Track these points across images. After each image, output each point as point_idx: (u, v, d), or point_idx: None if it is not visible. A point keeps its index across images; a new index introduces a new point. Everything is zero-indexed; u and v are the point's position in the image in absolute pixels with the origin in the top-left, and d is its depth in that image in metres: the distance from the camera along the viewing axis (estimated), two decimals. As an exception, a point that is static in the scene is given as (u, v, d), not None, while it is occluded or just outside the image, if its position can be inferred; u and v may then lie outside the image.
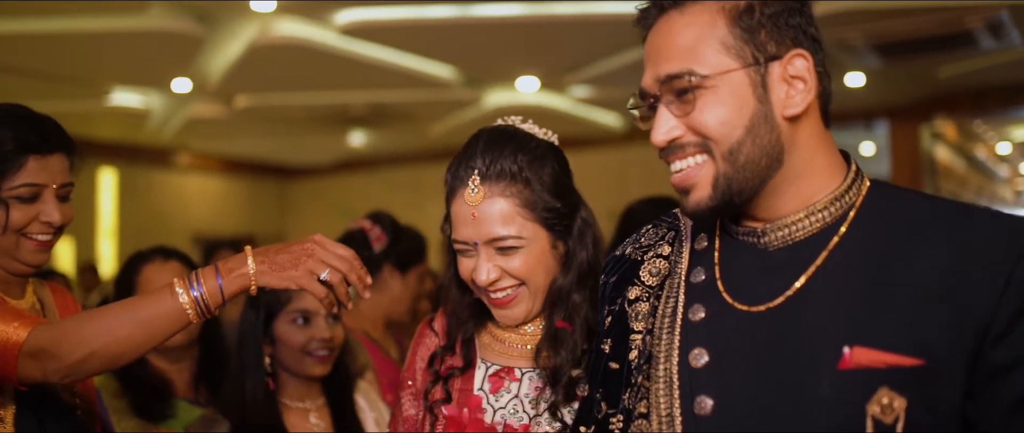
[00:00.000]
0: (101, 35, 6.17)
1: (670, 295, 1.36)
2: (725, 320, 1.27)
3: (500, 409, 1.72)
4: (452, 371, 1.77)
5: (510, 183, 1.64)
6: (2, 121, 1.83)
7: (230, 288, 1.62)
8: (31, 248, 1.84)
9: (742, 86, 1.22)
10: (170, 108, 8.73)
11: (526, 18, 5.95)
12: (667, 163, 1.29)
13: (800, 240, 1.27)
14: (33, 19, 5.89)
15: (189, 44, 6.46)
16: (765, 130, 1.22)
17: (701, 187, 1.25)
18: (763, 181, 1.24)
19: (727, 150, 1.22)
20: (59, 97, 7.76)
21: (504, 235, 1.64)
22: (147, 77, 7.77)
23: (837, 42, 6.46)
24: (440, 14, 5.97)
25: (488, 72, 7.84)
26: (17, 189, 1.80)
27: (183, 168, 11.54)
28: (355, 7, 5.97)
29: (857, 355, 1.16)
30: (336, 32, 6.31)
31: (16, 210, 1.80)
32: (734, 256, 1.32)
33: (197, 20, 6.09)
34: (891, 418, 1.13)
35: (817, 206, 1.26)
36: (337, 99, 8.43)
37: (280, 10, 5.96)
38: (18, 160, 1.79)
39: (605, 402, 1.40)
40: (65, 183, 1.87)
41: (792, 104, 1.24)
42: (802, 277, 1.23)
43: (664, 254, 1.43)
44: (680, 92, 1.23)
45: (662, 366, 1.30)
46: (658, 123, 1.26)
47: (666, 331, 1.32)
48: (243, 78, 7.36)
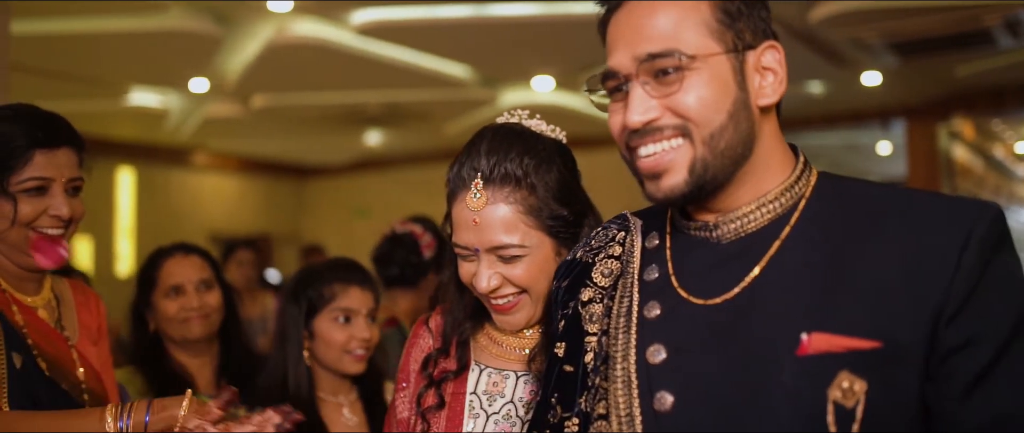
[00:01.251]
0: (120, 36, 6.21)
1: (624, 295, 1.34)
2: (681, 315, 1.27)
3: (494, 415, 1.67)
4: (446, 375, 1.73)
5: (515, 188, 1.58)
6: (8, 118, 1.87)
7: (154, 426, 1.63)
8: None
9: (725, 71, 1.22)
10: (188, 108, 8.78)
11: (542, 17, 5.95)
12: (631, 149, 1.27)
13: (752, 231, 1.27)
14: (54, 20, 5.94)
15: (207, 44, 6.49)
16: (744, 118, 1.23)
17: (676, 171, 1.23)
18: (735, 169, 1.24)
19: (709, 134, 1.21)
20: (79, 97, 7.82)
21: (507, 243, 1.58)
22: (165, 77, 7.81)
23: (854, 41, 6.45)
24: (456, 14, 5.98)
25: (504, 71, 7.84)
26: (24, 183, 1.83)
27: (200, 167, 11.59)
28: (371, 7, 5.99)
29: (816, 341, 1.15)
30: (352, 32, 6.34)
31: (25, 204, 1.83)
32: (686, 251, 1.32)
33: (215, 20, 6.13)
34: (852, 402, 1.14)
35: (768, 197, 1.27)
36: (353, 99, 8.45)
37: (297, 10, 5.98)
38: (25, 154, 1.83)
39: (560, 406, 1.38)
40: (74, 177, 1.89)
41: (764, 94, 1.25)
42: (756, 267, 1.24)
43: (615, 254, 1.41)
44: (660, 73, 1.21)
45: (619, 365, 1.28)
46: (633, 104, 1.23)
47: (622, 330, 1.31)
48: (260, 78, 7.39)
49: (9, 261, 1.88)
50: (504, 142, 1.60)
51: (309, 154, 12.30)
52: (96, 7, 5.85)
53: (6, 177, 1.82)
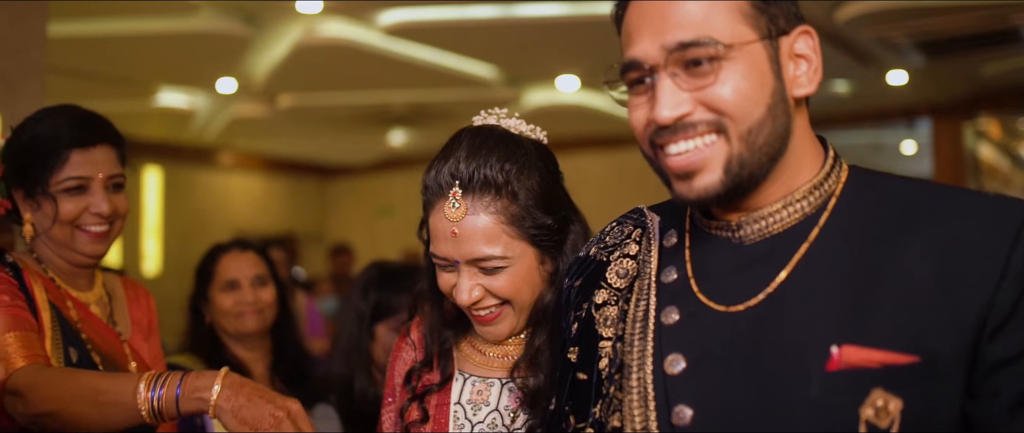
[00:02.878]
0: (151, 37, 6.28)
1: (640, 297, 1.24)
2: (701, 322, 1.16)
3: (479, 424, 1.59)
4: (429, 388, 1.64)
5: (495, 197, 1.47)
6: (45, 120, 1.91)
7: (186, 406, 1.52)
8: (86, 240, 1.91)
9: (761, 60, 1.11)
10: (214, 108, 8.86)
11: (567, 18, 5.97)
12: (658, 147, 1.15)
13: (777, 233, 1.17)
14: (87, 22, 6.01)
15: (235, 45, 6.56)
16: (782, 110, 1.13)
17: (710, 170, 1.12)
18: (772, 166, 1.14)
19: (746, 129, 1.10)
20: (109, 97, 7.90)
21: (489, 255, 1.48)
22: (193, 78, 7.89)
23: (880, 40, 6.43)
24: (482, 14, 6.01)
25: (528, 71, 7.87)
26: (64, 182, 1.87)
27: (226, 167, 11.68)
28: (399, 8, 6.04)
29: (847, 354, 1.06)
30: (380, 32, 6.38)
31: (66, 203, 1.87)
32: (707, 252, 1.21)
33: (244, 21, 6.19)
34: (886, 421, 1.04)
35: (795, 195, 1.16)
36: (379, 99, 8.50)
37: (325, 11, 6.03)
38: (61, 155, 1.87)
39: (574, 415, 1.28)
40: (113, 174, 1.93)
41: (799, 84, 1.15)
42: (782, 272, 1.14)
43: (631, 253, 1.31)
44: (691, 63, 1.10)
45: (635, 375, 1.18)
46: (663, 98, 1.10)
47: (638, 337, 1.21)
48: (287, 78, 7.44)
49: (60, 258, 1.92)
50: (483, 146, 1.50)
51: (334, 154, 12.36)
52: (129, 9, 5.92)
53: (46, 177, 1.87)
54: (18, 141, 1.91)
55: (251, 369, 2.67)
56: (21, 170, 1.89)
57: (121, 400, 1.53)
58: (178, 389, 1.51)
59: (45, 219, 1.88)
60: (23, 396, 1.60)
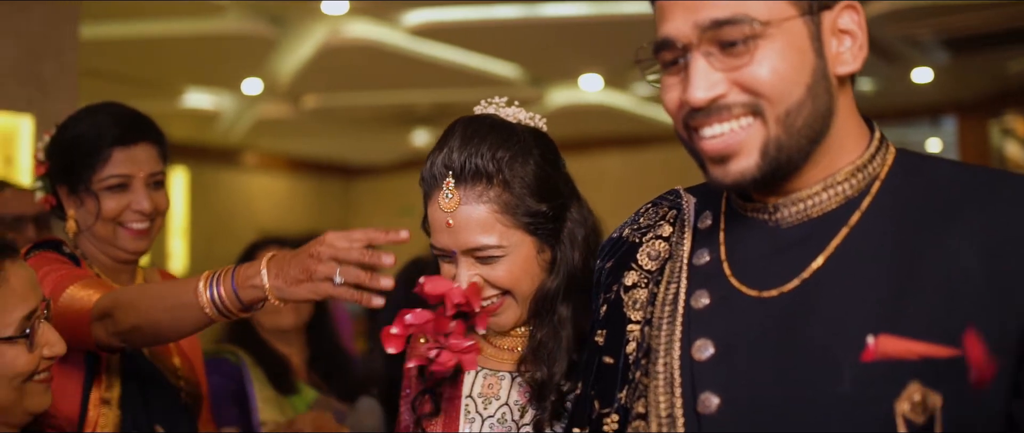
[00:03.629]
0: (178, 39, 6.35)
1: (671, 280, 1.19)
2: (732, 307, 1.12)
3: (489, 418, 1.58)
4: (440, 380, 1.62)
5: (487, 186, 1.46)
6: (87, 118, 1.95)
7: (246, 297, 1.52)
8: (128, 236, 1.95)
9: (801, 37, 1.06)
10: (240, 109, 8.93)
11: (590, 17, 6.00)
12: (692, 130, 1.10)
13: (816, 216, 1.11)
14: (116, 24, 6.09)
15: (261, 46, 6.62)
16: (823, 90, 1.07)
17: (746, 154, 1.07)
18: (812, 149, 1.09)
19: (784, 111, 1.05)
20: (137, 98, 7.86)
21: (484, 244, 1.47)
22: (219, 79, 7.96)
23: (905, 37, 6.41)
24: (506, 14, 6.05)
25: (552, 71, 7.88)
26: (106, 180, 1.91)
27: (250, 168, 11.76)
28: (423, 8, 6.08)
29: (883, 345, 1.00)
30: (404, 33, 6.43)
31: (108, 200, 1.91)
32: (742, 235, 1.16)
33: (270, 22, 6.25)
34: (924, 417, 0.97)
35: (837, 178, 1.11)
36: (403, 99, 8.55)
37: (351, 12, 6.08)
38: (103, 153, 1.91)
39: (598, 400, 1.24)
40: (154, 172, 1.96)
41: (843, 61, 1.10)
42: (819, 257, 1.08)
43: (664, 235, 1.26)
44: (727, 43, 1.05)
45: (662, 360, 1.14)
46: (696, 79, 1.06)
47: (666, 320, 1.16)
48: (312, 79, 7.50)
49: (102, 254, 1.97)
50: (476, 136, 1.49)
51: (357, 154, 12.42)
52: (157, 11, 5.99)
53: (89, 175, 1.91)
54: (62, 139, 1.95)
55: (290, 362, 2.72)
56: (65, 167, 1.93)
57: (186, 302, 1.56)
58: (233, 282, 1.52)
59: (88, 216, 1.93)
60: (111, 316, 1.64)
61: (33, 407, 1.44)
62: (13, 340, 1.39)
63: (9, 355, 1.39)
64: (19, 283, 1.41)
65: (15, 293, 1.40)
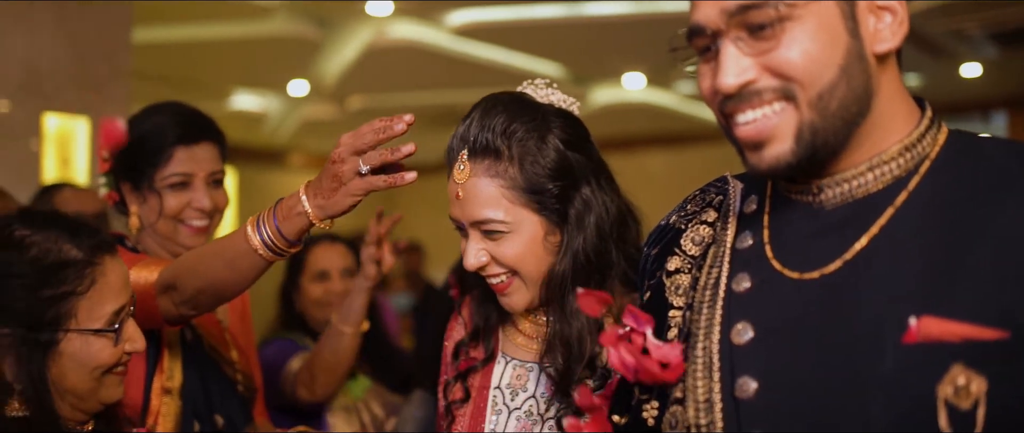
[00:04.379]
0: (227, 42, 6.48)
1: (714, 265, 1.17)
2: (773, 290, 1.09)
3: (515, 410, 1.57)
4: (472, 366, 1.62)
5: (495, 161, 1.46)
6: (151, 117, 2.01)
7: (290, 230, 1.54)
8: (188, 233, 2.00)
9: (832, 17, 1.02)
10: (286, 110, 9.05)
11: (633, 16, 6.01)
12: (726, 116, 1.08)
13: (861, 197, 1.08)
14: (166, 28, 6.21)
15: (307, 48, 6.71)
16: (858, 71, 1.04)
17: (780, 139, 1.04)
18: (850, 132, 1.05)
19: (816, 95, 1.02)
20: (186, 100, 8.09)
21: (488, 218, 1.47)
22: (266, 80, 8.08)
23: (953, 33, 6.33)
24: (549, 13, 6.07)
25: (595, 70, 7.90)
26: (168, 178, 1.96)
27: (296, 168, 11.90)
28: (467, 8, 6.13)
29: (926, 326, 0.97)
30: (448, 33, 6.48)
31: (170, 198, 1.97)
32: (786, 218, 1.14)
33: (316, 24, 6.34)
34: (969, 402, 0.94)
35: (884, 157, 1.07)
36: (446, 99, 8.60)
37: (395, 13, 6.15)
38: (166, 152, 1.96)
39: (639, 386, 1.22)
40: (214, 171, 2.02)
41: (882, 39, 1.06)
42: (863, 238, 1.05)
43: (709, 221, 1.24)
44: (755, 27, 1.02)
45: (701, 344, 1.12)
46: (726, 64, 1.04)
47: (707, 304, 1.14)
48: (357, 80, 7.58)
49: (163, 250, 2.03)
50: (494, 112, 1.49)
51: (402, 154, 12.52)
52: (206, 14, 6.11)
53: (152, 173, 1.96)
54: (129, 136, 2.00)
55: None
56: (129, 165, 1.99)
57: (241, 250, 1.58)
58: (275, 219, 1.54)
59: (150, 212, 1.98)
60: (174, 287, 1.69)
61: (107, 398, 1.49)
62: (102, 333, 1.44)
63: (96, 347, 1.44)
64: (115, 279, 1.47)
65: (111, 288, 1.46)
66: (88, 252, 1.45)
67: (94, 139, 4.45)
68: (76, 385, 1.44)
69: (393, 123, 1.44)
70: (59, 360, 1.42)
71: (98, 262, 1.46)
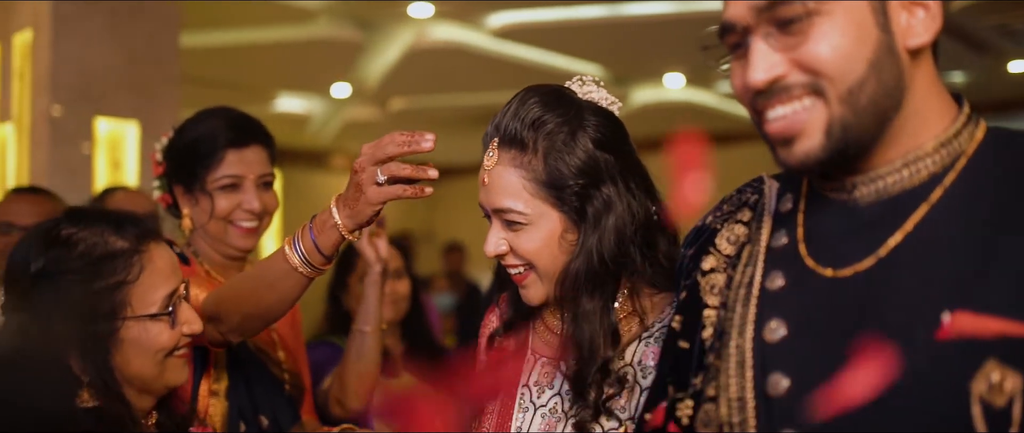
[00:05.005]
0: (271, 45, 6.57)
1: (748, 264, 1.17)
2: (807, 288, 1.09)
3: (541, 407, 1.55)
4: (504, 356, 1.62)
5: (521, 152, 1.45)
6: (203, 121, 2.05)
7: (325, 243, 1.57)
8: (237, 234, 2.04)
9: (861, 11, 1.02)
10: (329, 112, 9.15)
11: (674, 16, 6.01)
12: (758, 113, 1.08)
13: (896, 193, 1.07)
14: (213, 32, 6.33)
15: (350, 50, 6.79)
16: (889, 65, 1.03)
17: (810, 134, 1.04)
18: (882, 127, 1.05)
19: (846, 90, 1.02)
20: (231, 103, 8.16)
21: (508, 207, 1.46)
22: (309, 83, 8.19)
23: (1000, 28, 6.25)
24: (589, 14, 6.09)
25: (635, 70, 7.90)
26: (219, 180, 2.00)
27: (339, 170, 12.01)
28: (507, 10, 6.17)
29: (959, 321, 0.95)
30: (489, 34, 6.53)
31: (220, 199, 2.01)
32: (820, 216, 1.13)
33: (358, 27, 6.41)
34: (1003, 399, 0.92)
35: (919, 153, 1.06)
36: (487, 99, 8.65)
37: (436, 15, 6.20)
38: (218, 155, 2.00)
39: (673, 385, 1.22)
40: (263, 173, 2.05)
41: (914, 34, 1.04)
42: (898, 234, 1.04)
43: (744, 220, 1.23)
44: (784, 22, 1.02)
45: (734, 342, 1.12)
46: (755, 60, 1.04)
47: (740, 302, 1.14)
48: (399, 81, 7.65)
49: (214, 251, 2.08)
50: (527, 103, 1.47)
51: (444, 154, 12.56)
52: (251, 19, 6.21)
53: (203, 175, 2.01)
54: (180, 141, 2.06)
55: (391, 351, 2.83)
56: (181, 168, 2.04)
57: (281, 271, 1.61)
58: (311, 233, 1.58)
59: (202, 214, 2.03)
60: (218, 318, 1.73)
61: (173, 381, 1.54)
62: (157, 317, 1.49)
63: (154, 331, 1.49)
64: (163, 264, 1.52)
65: (159, 273, 1.51)
66: (134, 241, 1.50)
67: (144, 142, 4.55)
68: (141, 370, 1.49)
69: (418, 139, 1.47)
70: (121, 348, 1.46)
71: (144, 249, 1.50)
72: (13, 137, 4.61)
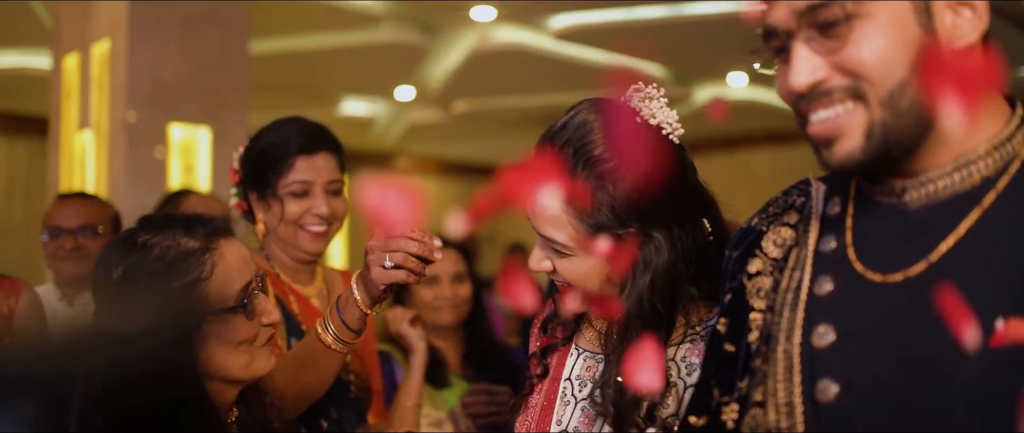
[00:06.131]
0: (336, 50, 6.69)
1: (796, 267, 1.16)
2: (856, 293, 1.08)
3: (582, 401, 1.55)
4: (553, 343, 1.61)
5: (569, 181, 1.39)
6: (276, 129, 2.12)
7: (351, 318, 1.74)
8: (307, 238, 2.11)
9: (904, 13, 1.00)
10: (393, 115, 9.27)
11: (736, 14, 5.96)
12: (802, 116, 1.07)
13: (947, 198, 1.05)
14: (281, 38, 6.46)
15: (413, 54, 6.88)
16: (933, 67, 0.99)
17: (850, 136, 1.03)
18: (925, 129, 1.03)
19: (887, 93, 1.00)
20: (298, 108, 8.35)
21: (552, 237, 1.42)
22: (374, 87, 8.31)
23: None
24: (651, 14, 6.09)
25: (698, 69, 7.86)
26: (290, 186, 2.07)
27: (403, 171, 12.15)
28: (569, 12, 6.19)
29: (1014, 328, 0.93)
30: (551, 36, 6.56)
31: (291, 204, 2.08)
32: (869, 220, 1.12)
33: (422, 31, 6.49)
34: None
35: (970, 157, 1.04)
36: (549, 101, 8.67)
37: (498, 18, 6.26)
38: (288, 161, 2.07)
39: (718, 389, 1.20)
40: (332, 180, 2.11)
41: (960, 34, 1.02)
42: (950, 239, 1.03)
43: (791, 223, 1.22)
44: (824, 25, 1.02)
45: (781, 347, 1.11)
46: (796, 64, 1.03)
47: (788, 307, 1.13)
48: (462, 84, 7.73)
49: (285, 254, 2.15)
50: (587, 135, 1.40)
51: (506, 156, 12.58)
52: (317, 25, 6.33)
53: (275, 181, 2.08)
54: (253, 149, 2.14)
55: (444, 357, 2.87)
56: (255, 174, 2.11)
57: (317, 349, 1.77)
58: (339, 312, 1.74)
59: (273, 218, 2.10)
60: (272, 394, 1.80)
61: (258, 370, 1.60)
62: (235, 310, 1.56)
63: (234, 324, 1.55)
64: (235, 259, 1.58)
65: (233, 268, 1.57)
66: (204, 240, 1.56)
67: (215, 147, 4.67)
68: (225, 363, 1.55)
69: (430, 247, 1.63)
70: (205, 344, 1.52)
71: (215, 247, 1.56)
72: (93, 143, 4.77)
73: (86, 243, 2.89)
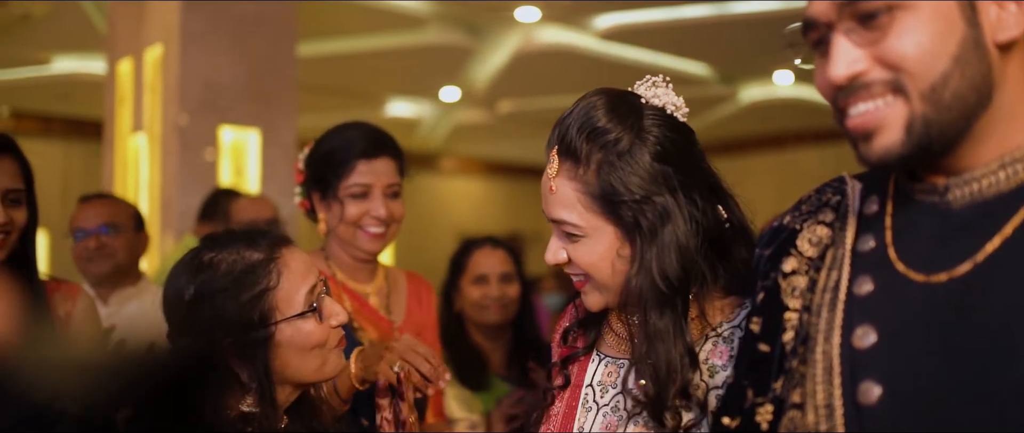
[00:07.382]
0: (383, 52, 6.77)
1: (833, 267, 1.14)
2: (897, 293, 1.05)
3: (604, 407, 1.53)
4: (574, 353, 1.60)
5: (575, 164, 1.40)
6: (337, 134, 2.18)
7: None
8: (365, 238, 2.16)
9: (948, 5, 0.98)
10: (438, 116, 9.34)
11: (781, 12, 5.94)
12: (840, 110, 1.05)
13: (991, 196, 1.03)
14: (328, 41, 6.55)
15: (459, 55, 6.94)
16: (975, 59, 0.99)
17: (889, 130, 1.01)
18: (968, 124, 1.01)
19: (928, 86, 0.98)
20: (345, 109, 8.50)
21: (565, 220, 1.43)
22: (419, 88, 8.39)
23: None
24: (696, 13, 6.08)
25: (743, 68, 7.83)
26: (350, 188, 2.13)
27: (448, 172, 12.23)
28: (614, 12, 6.20)
29: None
30: (595, 36, 6.58)
31: (350, 206, 2.13)
32: (909, 219, 1.09)
33: (467, 33, 6.54)
34: None
35: (1016, 154, 1.02)
36: (593, 101, 8.70)
37: (543, 19, 6.29)
38: (349, 164, 2.12)
39: (752, 389, 1.18)
40: (391, 183, 2.17)
41: (1005, 27, 1.00)
42: (996, 239, 1.00)
43: (827, 221, 1.19)
44: (866, 17, 1.00)
45: (820, 348, 1.09)
46: (836, 56, 1.01)
47: (826, 307, 1.11)
48: (507, 85, 7.78)
49: (344, 253, 2.21)
50: (588, 111, 1.42)
51: (550, 156, 12.66)
52: (363, 27, 6.41)
53: (337, 183, 2.15)
54: (317, 151, 2.21)
55: (489, 357, 2.90)
56: (318, 176, 2.19)
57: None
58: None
59: (334, 219, 2.17)
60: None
61: (331, 372, 1.66)
62: (304, 315, 1.61)
63: (306, 329, 1.60)
64: (298, 266, 1.64)
65: (297, 275, 1.62)
66: (267, 251, 1.62)
67: (264, 149, 4.75)
68: (300, 368, 1.60)
69: (441, 376, 1.82)
70: (279, 352, 1.58)
71: (278, 256, 1.62)
72: (146, 146, 4.88)
73: (109, 241, 2.96)
